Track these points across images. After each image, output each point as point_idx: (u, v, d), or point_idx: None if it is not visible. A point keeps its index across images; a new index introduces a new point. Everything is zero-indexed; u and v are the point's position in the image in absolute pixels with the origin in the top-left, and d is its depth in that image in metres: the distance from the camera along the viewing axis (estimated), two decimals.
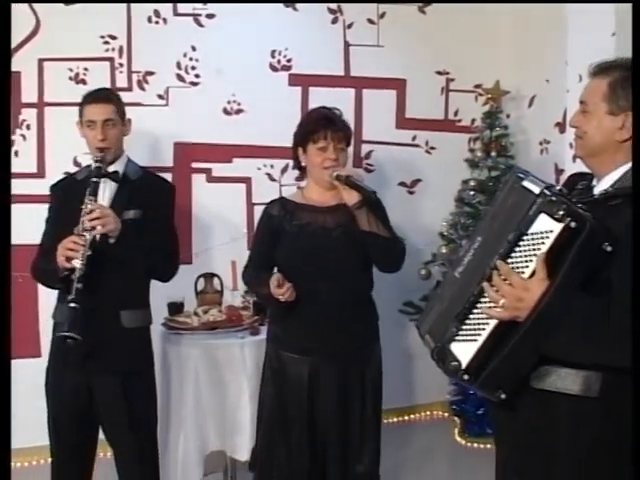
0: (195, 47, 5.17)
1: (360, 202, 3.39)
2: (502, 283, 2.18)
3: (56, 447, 3.60)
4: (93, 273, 3.24)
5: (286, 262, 3.56)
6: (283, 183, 5.41)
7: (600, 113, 2.33)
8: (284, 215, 3.63)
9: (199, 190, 5.28)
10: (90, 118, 3.48)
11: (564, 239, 2.11)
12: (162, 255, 3.60)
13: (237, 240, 5.16)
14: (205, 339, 4.20)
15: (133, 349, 3.59)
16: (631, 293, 2.08)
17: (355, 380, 3.56)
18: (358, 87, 5.57)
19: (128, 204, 3.48)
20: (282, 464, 3.63)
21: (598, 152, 2.37)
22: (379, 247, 3.44)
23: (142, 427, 3.64)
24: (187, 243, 5.21)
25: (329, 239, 3.52)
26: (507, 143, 5.48)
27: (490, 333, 2.23)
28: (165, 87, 5.15)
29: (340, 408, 3.54)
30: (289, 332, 3.60)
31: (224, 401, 4.15)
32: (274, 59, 5.37)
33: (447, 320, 2.37)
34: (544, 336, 2.16)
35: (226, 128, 5.28)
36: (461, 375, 2.29)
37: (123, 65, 5.05)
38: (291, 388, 3.57)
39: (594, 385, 2.23)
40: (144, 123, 4.86)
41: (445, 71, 5.78)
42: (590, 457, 2.28)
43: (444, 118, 5.83)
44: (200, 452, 4.16)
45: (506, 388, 2.26)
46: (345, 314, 3.50)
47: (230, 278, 4.62)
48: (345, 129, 3.60)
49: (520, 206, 2.22)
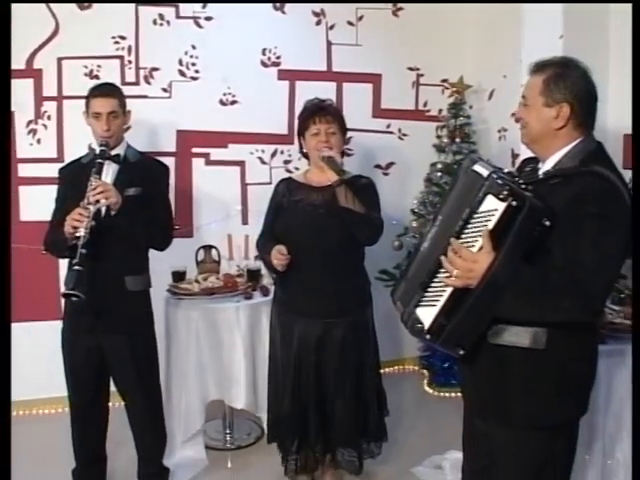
0: (195, 46, 5.17)
1: (339, 180, 3.42)
2: (454, 257, 2.24)
3: (74, 398, 3.63)
4: (100, 242, 3.26)
5: (282, 234, 3.61)
6: (273, 166, 5.42)
7: (538, 106, 2.39)
8: (286, 192, 3.70)
9: (198, 172, 5.30)
10: (96, 110, 3.47)
11: (507, 216, 2.16)
12: (159, 227, 3.61)
13: (232, 216, 5.18)
14: (204, 303, 4.23)
15: (137, 310, 3.63)
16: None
17: (339, 340, 3.59)
18: (339, 81, 5.56)
19: (129, 183, 3.49)
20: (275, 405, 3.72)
21: (539, 139, 2.44)
22: (354, 222, 3.45)
23: (147, 378, 3.68)
24: (188, 219, 5.25)
25: (316, 214, 3.56)
26: (470, 131, 5.49)
27: (447, 298, 2.29)
28: (168, 81, 5.15)
29: (318, 361, 3.60)
30: (285, 294, 3.68)
31: (222, 357, 4.19)
32: (265, 56, 5.36)
33: (413, 288, 2.44)
34: (494, 300, 2.22)
35: (222, 117, 5.28)
36: (424, 335, 2.35)
37: (131, 62, 5.05)
38: (284, 341, 3.65)
39: (541, 338, 2.32)
40: (150, 113, 4.95)
41: (416, 67, 5.76)
42: (539, 397, 2.38)
43: (415, 109, 5.82)
44: (201, 401, 4.20)
45: (464, 345, 2.32)
46: (332, 280, 3.54)
47: (226, 249, 4.66)
48: (334, 113, 3.63)
49: (471, 188, 2.28)
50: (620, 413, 3.35)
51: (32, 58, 4.85)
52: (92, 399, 3.62)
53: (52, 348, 3.69)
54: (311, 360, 3.59)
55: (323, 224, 3.53)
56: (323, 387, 3.61)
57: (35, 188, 4.75)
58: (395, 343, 5.81)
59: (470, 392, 2.64)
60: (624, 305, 3.65)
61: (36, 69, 4.86)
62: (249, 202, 5.36)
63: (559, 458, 2.47)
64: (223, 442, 4.55)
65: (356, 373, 3.65)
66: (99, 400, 3.66)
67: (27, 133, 4.92)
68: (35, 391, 4.90)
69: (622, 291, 3.72)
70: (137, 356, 3.58)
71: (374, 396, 3.74)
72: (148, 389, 3.68)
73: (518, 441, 2.43)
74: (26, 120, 4.91)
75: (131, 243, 3.52)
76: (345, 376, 3.62)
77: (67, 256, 3.42)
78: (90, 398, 3.62)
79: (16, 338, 4.67)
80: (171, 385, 4.20)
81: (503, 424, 2.44)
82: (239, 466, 4.22)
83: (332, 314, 3.58)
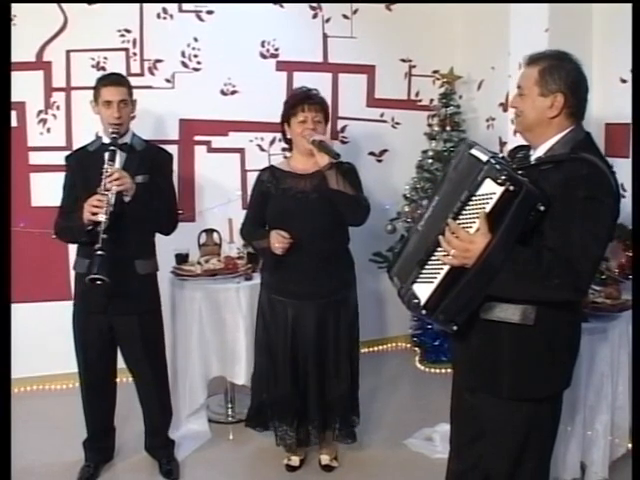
0: (197, 38, 5.15)
1: (330, 164, 3.42)
2: (452, 237, 2.26)
3: (85, 375, 3.67)
4: (112, 228, 3.26)
5: (273, 221, 3.60)
6: (271, 153, 5.41)
7: (533, 95, 2.42)
8: (271, 180, 3.66)
9: (201, 159, 5.30)
10: (107, 98, 3.45)
11: (504, 200, 2.19)
12: (166, 213, 3.63)
13: (232, 201, 5.13)
14: (207, 284, 4.23)
15: (146, 292, 3.66)
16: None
17: (331, 319, 3.61)
18: (334, 72, 5.56)
19: (137, 170, 3.48)
20: (269, 388, 3.72)
21: (533, 127, 2.46)
22: (345, 203, 3.45)
23: (156, 356, 3.72)
24: (191, 204, 5.26)
25: (307, 201, 3.56)
26: (459, 120, 5.48)
27: (444, 276, 2.32)
28: (172, 72, 5.14)
29: (318, 343, 3.61)
30: (277, 279, 3.65)
31: (223, 335, 4.20)
32: (264, 48, 5.36)
33: (411, 265, 2.46)
34: (488, 279, 2.25)
35: (223, 107, 5.27)
36: (420, 310, 2.38)
37: (136, 54, 5.04)
38: (277, 325, 3.65)
39: (530, 315, 2.36)
40: (154, 103, 4.92)
41: (408, 59, 5.76)
42: (526, 370, 2.42)
43: (407, 98, 5.82)
44: (204, 377, 4.22)
45: (457, 321, 2.35)
46: (322, 264, 3.55)
47: (227, 233, 4.63)
48: (321, 103, 3.62)
49: (470, 171, 2.30)
50: (600, 387, 3.41)
51: (42, 51, 4.83)
52: (102, 376, 3.66)
53: (62, 327, 3.72)
54: (307, 340, 3.61)
55: (316, 209, 3.54)
56: (321, 365, 3.64)
57: (45, 175, 4.74)
58: (388, 322, 5.91)
59: (461, 366, 2.67)
60: (606, 286, 3.70)
61: (46, 61, 4.85)
62: (249, 187, 5.20)
63: (544, 428, 2.52)
64: (225, 416, 4.57)
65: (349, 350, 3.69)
66: (108, 376, 3.70)
67: (37, 122, 4.91)
68: (47, 367, 4.92)
69: (603, 272, 3.76)
70: (146, 335, 3.62)
71: (357, 371, 3.78)
72: (156, 365, 3.73)
73: (506, 412, 2.47)
74: (36, 110, 4.90)
75: (141, 228, 3.52)
76: (341, 354, 3.65)
77: (82, 242, 3.43)
78: (101, 375, 3.66)
79: (28, 317, 4.74)
80: (176, 362, 4.21)
81: (492, 396, 2.48)
82: (240, 438, 4.23)
83: (325, 295, 3.59)
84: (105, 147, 3.45)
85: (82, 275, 3.41)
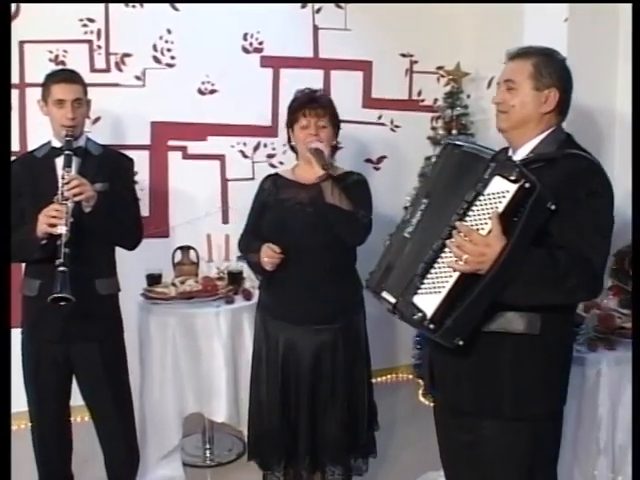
0: (171, 30, 5.14)
1: (325, 175, 3.41)
2: (464, 241, 2.27)
3: (37, 414, 3.60)
4: (71, 241, 3.21)
5: (267, 233, 3.59)
6: (255, 160, 5.41)
7: (526, 89, 2.55)
8: (272, 189, 3.68)
9: (175, 167, 5.28)
10: (59, 97, 3.42)
11: (518, 198, 2.24)
12: (129, 224, 3.61)
13: (212, 214, 5.15)
14: (182, 308, 4.22)
15: (108, 315, 3.63)
16: None
17: (329, 348, 3.58)
18: (326, 68, 5.56)
19: (95, 177, 3.43)
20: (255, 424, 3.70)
21: (522, 124, 2.57)
22: (340, 220, 3.43)
23: (119, 389, 3.66)
24: (164, 217, 5.24)
25: (303, 214, 3.54)
26: (467, 122, 5.48)
27: (453, 285, 2.32)
28: (142, 68, 5.11)
29: (312, 374, 3.57)
30: (271, 298, 3.66)
31: (200, 366, 4.18)
32: (246, 42, 5.35)
33: (407, 275, 2.44)
34: (503, 285, 2.31)
35: (200, 107, 5.26)
36: (427, 325, 2.35)
37: (101, 47, 5.01)
38: (268, 352, 3.63)
39: (535, 324, 2.44)
40: (122, 103, 4.93)
41: (409, 53, 5.78)
42: (529, 385, 2.48)
43: (408, 98, 5.85)
44: (178, 414, 4.19)
45: (464, 335, 2.37)
46: (321, 284, 3.53)
47: (205, 250, 4.66)
48: (325, 106, 3.61)
49: (470, 169, 2.36)
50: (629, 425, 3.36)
51: None
52: (58, 414, 3.60)
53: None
54: (300, 372, 3.58)
55: (311, 224, 3.51)
56: (314, 401, 3.59)
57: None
58: (388, 350, 5.89)
59: (451, 388, 2.67)
60: None
61: None
62: (230, 199, 5.35)
63: (549, 450, 2.59)
64: (202, 459, 4.56)
65: (348, 385, 3.64)
66: (63, 415, 3.65)
67: None
68: None
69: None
70: (108, 365, 3.57)
71: (365, 409, 3.72)
72: (119, 401, 3.66)
73: (508, 435, 2.51)
74: None
75: (102, 243, 3.50)
76: (337, 389, 3.61)
77: (33, 259, 3.38)
78: (56, 413, 3.60)
79: None
80: (145, 397, 4.18)
81: (491, 417, 2.53)
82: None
83: (322, 320, 3.56)
84: (56, 152, 3.45)
85: (33, 298, 3.40)
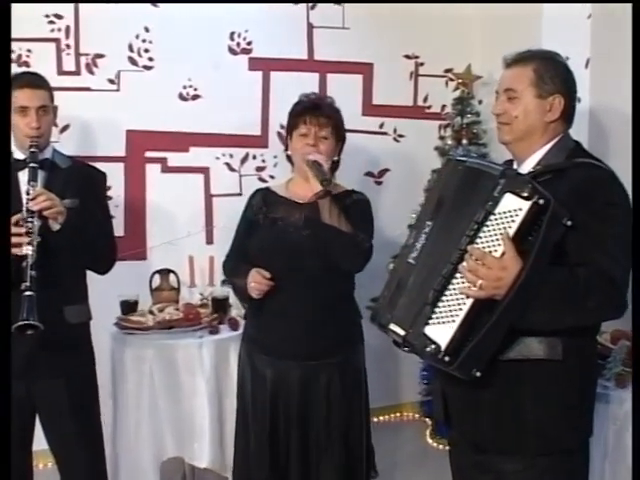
0: (148, 28, 5.12)
1: (323, 191, 3.38)
2: (477, 265, 2.31)
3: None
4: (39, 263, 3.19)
5: (255, 257, 3.56)
6: (243, 173, 5.40)
7: (529, 97, 2.61)
8: (262, 206, 3.66)
9: (154, 181, 5.25)
10: (23, 104, 3.41)
11: (532, 216, 2.28)
12: (103, 245, 3.61)
13: (195, 234, 5.12)
14: (161, 339, 4.22)
15: (77, 347, 3.61)
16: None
17: (323, 386, 3.55)
18: (322, 71, 5.56)
19: (63, 193, 3.41)
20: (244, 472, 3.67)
21: (527, 135, 2.63)
22: (337, 243, 3.40)
23: (89, 431, 3.65)
24: (141, 237, 5.21)
25: (299, 236, 3.51)
26: (479, 130, 5.46)
27: (467, 313, 2.35)
28: (116, 71, 5.09)
29: (304, 416, 3.55)
30: (258, 330, 3.63)
31: (181, 405, 4.16)
32: (233, 42, 5.34)
33: (416, 305, 2.50)
34: (522, 310, 2.33)
35: (182, 115, 5.24)
36: (442, 357, 2.39)
37: (70, 47, 4.98)
38: (255, 390, 3.59)
39: (557, 348, 2.46)
40: (93, 109, 4.94)
41: (414, 55, 5.79)
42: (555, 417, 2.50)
43: (413, 104, 5.86)
44: (156, 459, 4.18)
45: (481, 365, 2.39)
46: (314, 315, 3.50)
47: (187, 274, 4.68)
48: (330, 115, 3.60)
49: (477, 187, 2.42)
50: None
51: None
52: (17, 460, 3.50)
53: None
54: (291, 414, 3.54)
55: (307, 248, 3.48)
56: (307, 447, 3.57)
57: None
58: (390, 386, 5.91)
59: (468, 423, 2.68)
60: None
61: None
62: (215, 217, 5.33)
63: None
64: None
65: (345, 429, 3.61)
66: (25, 461, 3.62)
67: None
68: None
69: None
70: (76, 404, 3.54)
71: (363, 456, 3.70)
72: (88, 445, 3.63)
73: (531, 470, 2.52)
74: None
75: (71, 265, 3.48)
76: (333, 434, 3.58)
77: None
78: (15, 459, 3.49)
79: None
80: (118, 440, 4.18)
81: (513, 452, 2.54)
82: None
83: (316, 355, 3.53)
84: (19, 165, 3.44)
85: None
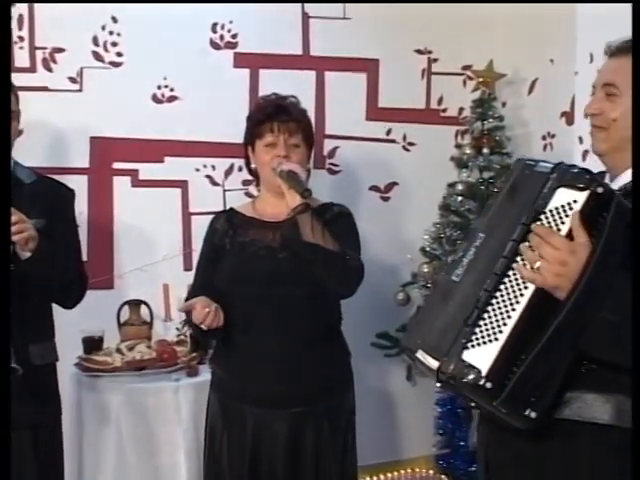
0: (117, 18, 5.10)
1: (302, 205, 3.35)
2: (542, 242, 2.16)
3: None
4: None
5: (223, 287, 3.54)
6: (227, 188, 5.40)
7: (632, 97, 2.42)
8: (227, 230, 3.67)
9: (122, 197, 5.22)
10: None
11: (591, 208, 2.15)
12: (73, 275, 3.61)
13: (170, 259, 5.10)
14: (130, 382, 4.22)
15: (44, 393, 3.60)
16: None
17: (310, 437, 3.52)
18: (319, 69, 5.58)
19: (28, 212, 3.36)
20: None
21: (628, 143, 2.41)
22: (323, 263, 3.37)
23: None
24: (107, 263, 5.18)
25: (274, 260, 3.52)
26: (502, 137, 5.46)
27: (516, 324, 2.18)
28: (78, 68, 5.07)
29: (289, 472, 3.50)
30: (231, 375, 3.60)
31: (154, 460, 4.17)
32: (216, 34, 5.35)
33: (453, 328, 2.33)
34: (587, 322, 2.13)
35: (156, 119, 5.23)
36: (483, 384, 2.19)
37: (24, 39, 4.96)
38: (231, 446, 3.55)
39: (626, 409, 2.23)
40: (51, 113, 4.96)
41: (426, 50, 5.81)
42: None
43: (425, 107, 5.87)
44: None
45: (538, 403, 2.17)
46: (297, 355, 3.48)
47: (161, 306, 4.67)
48: (299, 118, 3.60)
49: (526, 189, 2.31)
50: None
51: None
52: None
53: None
54: (275, 469, 3.49)
55: (284, 274, 3.48)
56: None
57: None
58: (400, 438, 5.90)
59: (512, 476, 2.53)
60: None
61: None
62: (194, 239, 5.25)
63: None
64: None
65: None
66: None
67: None
68: None
69: None
70: (41, 458, 3.52)
71: None
72: None
73: None
74: None
75: (39, 297, 3.50)
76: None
77: None
78: None
79: None
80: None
81: None
82: None
83: (298, 400, 3.50)
84: None
85: None
